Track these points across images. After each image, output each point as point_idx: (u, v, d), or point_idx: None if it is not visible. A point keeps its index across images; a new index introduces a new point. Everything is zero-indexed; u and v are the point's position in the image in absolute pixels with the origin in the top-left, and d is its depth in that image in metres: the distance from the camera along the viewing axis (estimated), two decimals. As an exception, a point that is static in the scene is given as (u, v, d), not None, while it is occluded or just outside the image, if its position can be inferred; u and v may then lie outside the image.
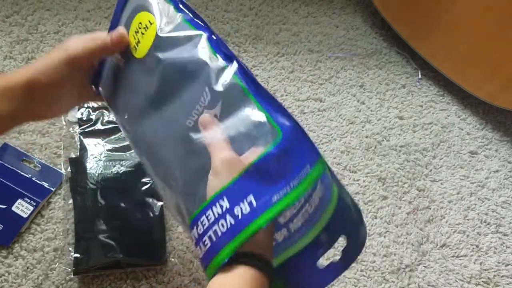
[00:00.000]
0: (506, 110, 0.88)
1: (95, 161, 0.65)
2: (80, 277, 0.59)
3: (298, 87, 0.87)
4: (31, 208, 0.63)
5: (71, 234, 0.61)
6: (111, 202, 0.62)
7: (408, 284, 0.68)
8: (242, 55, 0.90)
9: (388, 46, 1.00)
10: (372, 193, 0.76)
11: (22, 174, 0.65)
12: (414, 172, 0.80)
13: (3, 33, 0.81)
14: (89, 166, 0.65)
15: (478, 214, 0.77)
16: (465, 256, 0.72)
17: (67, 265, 0.59)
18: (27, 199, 0.63)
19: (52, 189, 0.65)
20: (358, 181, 0.77)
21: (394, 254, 0.70)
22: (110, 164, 0.65)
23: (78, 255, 0.58)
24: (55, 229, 0.63)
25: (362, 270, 0.68)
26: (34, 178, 0.65)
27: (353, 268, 0.67)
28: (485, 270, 0.71)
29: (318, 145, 0.80)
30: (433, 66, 0.93)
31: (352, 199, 0.41)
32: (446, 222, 0.75)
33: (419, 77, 0.95)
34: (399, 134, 0.85)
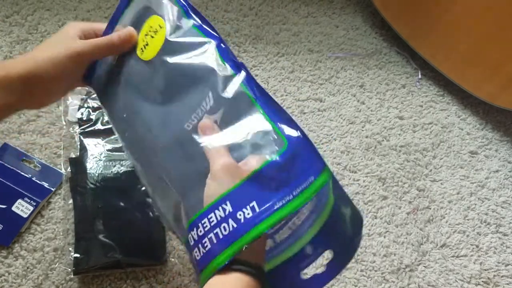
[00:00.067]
0: (506, 110, 0.88)
1: (95, 161, 0.65)
2: (80, 277, 0.59)
3: (298, 87, 0.87)
4: (31, 208, 0.63)
5: (71, 234, 0.61)
6: (111, 202, 0.62)
7: (408, 284, 0.68)
8: (242, 55, 0.89)
9: (388, 46, 1.00)
10: (372, 193, 0.76)
11: (22, 174, 0.65)
12: (414, 172, 0.80)
13: (3, 33, 0.81)
14: (89, 166, 0.65)
15: (478, 214, 0.77)
16: (465, 256, 0.72)
17: (67, 265, 0.59)
18: (27, 199, 0.63)
19: (52, 189, 0.65)
20: (358, 181, 0.77)
21: (394, 254, 0.70)
22: (110, 164, 0.65)
23: (78, 255, 0.58)
24: (55, 229, 0.63)
25: (362, 270, 0.68)
26: (34, 178, 0.65)
27: (353, 268, 0.67)
28: (485, 270, 0.71)
29: (318, 145, 0.80)
30: (433, 66, 0.93)
31: (353, 210, 0.40)
32: (446, 222, 0.75)
33: (419, 77, 0.95)
34: (399, 134, 0.85)
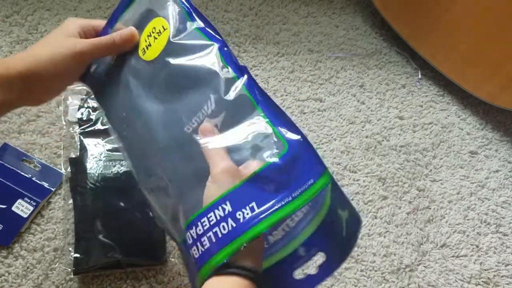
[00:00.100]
0: (506, 110, 0.88)
1: (95, 161, 0.65)
2: (80, 277, 0.59)
3: (298, 87, 0.87)
4: (31, 208, 0.63)
5: (71, 234, 0.61)
6: (111, 202, 0.62)
7: (408, 284, 0.68)
8: (242, 55, 0.89)
9: (388, 46, 1.00)
10: (372, 193, 0.76)
11: (22, 174, 0.65)
12: (414, 172, 0.80)
13: (3, 33, 0.81)
14: (89, 166, 0.65)
15: (478, 214, 0.77)
16: (465, 256, 0.72)
17: (67, 265, 0.59)
18: (27, 199, 0.63)
19: (52, 189, 0.65)
20: (358, 181, 0.77)
21: (394, 254, 0.70)
22: (110, 164, 0.65)
23: (78, 255, 0.58)
24: (55, 229, 0.63)
25: (362, 270, 0.68)
26: (34, 178, 0.65)
27: (353, 268, 0.67)
28: (485, 270, 0.71)
29: (318, 145, 0.80)
30: (433, 66, 0.93)
31: (351, 212, 0.40)
32: (446, 222, 0.75)
33: (419, 77, 0.95)
34: (399, 134, 0.85)
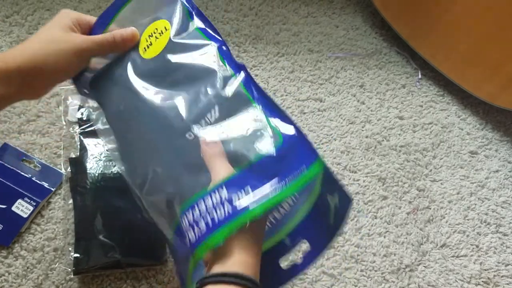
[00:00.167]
0: (506, 110, 0.88)
1: (95, 161, 0.65)
2: (80, 277, 0.59)
3: (298, 87, 0.87)
4: (31, 208, 0.63)
5: (71, 234, 0.61)
6: (111, 202, 0.62)
7: (408, 284, 0.68)
8: (242, 55, 0.89)
9: (388, 46, 1.00)
10: (372, 193, 0.76)
11: (22, 174, 0.65)
12: (414, 172, 0.80)
13: (3, 33, 0.81)
14: (89, 166, 0.65)
15: (478, 214, 0.77)
16: (465, 256, 0.72)
17: (67, 265, 0.59)
18: (27, 199, 0.63)
19: (52, 189, 0.65)
20: (358, 181, 0.77)
21: (394, 254, 0.70)
22: (110, 164, 0.65)
23: (78, 255, 0.58)
24: (55, 229, 0.63)
25: (362, 270, 0.68)
26: (34, 178, 0.65)
27: (353, 268, 0.67)
28: (485, 270, 0.71)
29: (318, 145, 0.80)
30: (433, 66, 0.93)
31: (341, 194, 0.41)
32: (446, 222, 0.75)
33: (419, 77, 0.95)
34: (399, 134, 0.85)
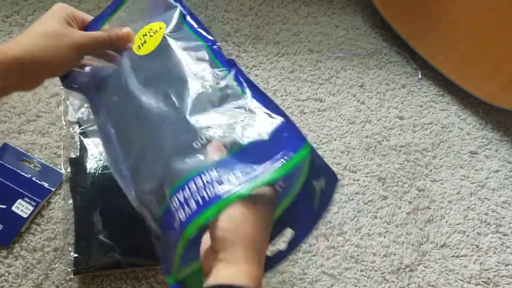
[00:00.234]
0: (506, 110, 0.88)
1: (95, 161, 0.65)
2: (80, 277, 0.59)
3: (298, 87, 0.87)
4: (31, 208, 0.63)
5: (71, 234, 0.61)
6: (111, 202, 0.62)
7: (408, 284, 0.68)
8: (242, 55, 0.90)
9: (388, 46, 1.00)
10: (372, 193, 0.76)
11: (22, 174, 0.65)
12: (414, 172, 0.80)
13: (3, 33, 0.81)
14: (89, 166, 0.65)
15: (478, 214, 0.77)
16: (465, 256, 0.72)
17: (67, 265, 0.59)
18: (27, 199, 0.63)
19: (52, 189, 0.65)
20: (358, 181, 0.77)
21: (394, 254, 0.70)
22: (110, 164, 0.65)
23: (78, 255, 0.58)
24: (55, 229, 0.63)
25: (362, 270, 0.68)
26: (34, 178, 0.65)
27: (353, 268, 0.67)
28: (485, 270, 0.71)
29: (318, 145, 0.80)
30: (433, 66, 0.93)
31: (328, 177, 0.42)
32: (446, 222, 0.75)
33: (419, 77, 0.95)
34: (399, 134, 0.85)
